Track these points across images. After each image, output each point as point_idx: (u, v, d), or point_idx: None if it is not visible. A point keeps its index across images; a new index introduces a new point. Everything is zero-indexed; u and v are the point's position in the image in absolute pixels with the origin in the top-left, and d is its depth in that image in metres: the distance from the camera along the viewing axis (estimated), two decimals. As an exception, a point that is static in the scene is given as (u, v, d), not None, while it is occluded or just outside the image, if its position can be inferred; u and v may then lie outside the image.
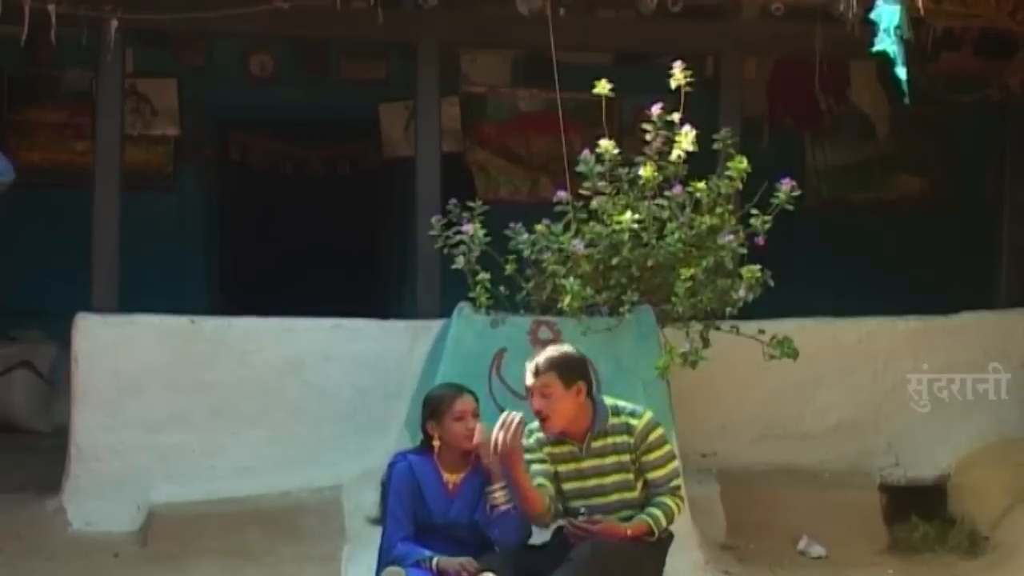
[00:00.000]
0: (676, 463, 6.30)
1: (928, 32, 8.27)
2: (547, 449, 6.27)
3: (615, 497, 6.22)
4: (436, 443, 6.22)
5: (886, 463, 8.93)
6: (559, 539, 6.27)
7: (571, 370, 6.21)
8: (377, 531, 6.45)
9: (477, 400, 6.31)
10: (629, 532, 6.04)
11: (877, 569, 8.02)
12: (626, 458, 6.19)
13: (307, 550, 7.58)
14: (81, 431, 8.05)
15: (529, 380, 6.22)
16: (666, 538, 6.30)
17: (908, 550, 8.36)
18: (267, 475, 8.06)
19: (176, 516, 7.83)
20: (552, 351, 6.34)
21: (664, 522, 6.13)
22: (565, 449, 6.26)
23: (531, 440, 6.31)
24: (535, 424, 6.28)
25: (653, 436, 6.22)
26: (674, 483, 6.23)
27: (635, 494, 6.21)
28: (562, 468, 6.26)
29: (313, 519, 7.80)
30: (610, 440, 6.22)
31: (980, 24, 8.58)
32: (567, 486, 6.28)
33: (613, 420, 6.24)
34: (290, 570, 7.42)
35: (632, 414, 6.26)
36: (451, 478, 6.26)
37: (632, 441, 6.20)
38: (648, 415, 6.29)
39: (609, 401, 6.31)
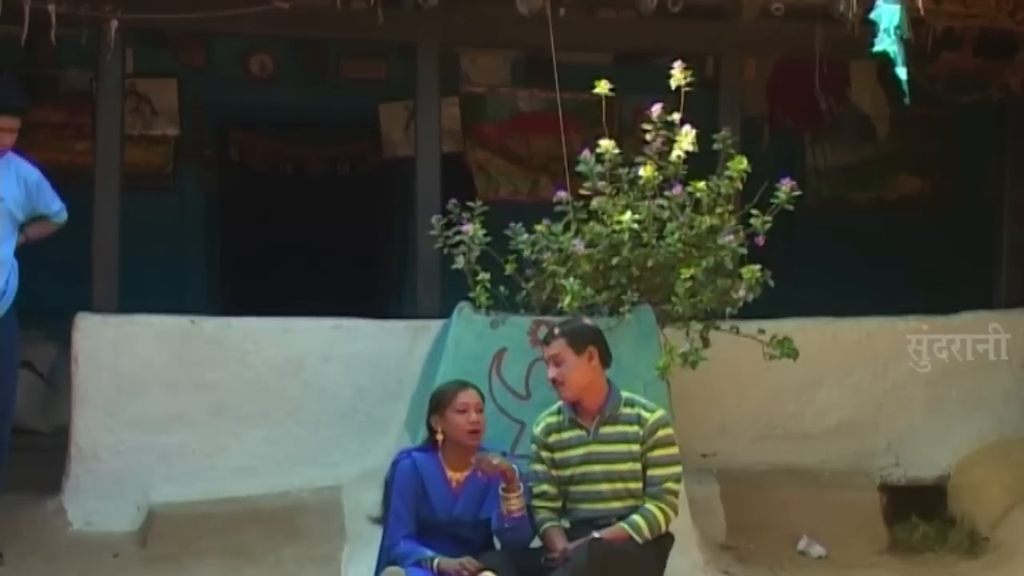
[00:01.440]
0: (678, 468, 6.31)
1: (928, 32, 8.26)
2: (554, 436, 6.33)
3: (620, 486, 6.24)
4: (440, 437, 6.25)
5: (886, 463, 8.93)
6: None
7: (580, 336, 6.35)
8: (377, 531, 6.46)
9: (483, 396, 6.38)
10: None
11: (877, 569, 8.01)
12: (636, 448, 6.22)
13: (307, 550, 7.56)
14: (81, 431, 8.05)
15: (545, 350, 6.41)
16: (666, 539, 6.32)
17: (908, 550, 8.36)
18: (267, 475, 8.05)
19: (176, 516, 7.82)
20: (563, 320, 6.54)
21: (646, 531, 6.11)
22: (573, 434, 6.31)
23: (538, 430, 6.37)
24: (544, 413, 6.44)
25: (661, 433, 6.26)
26: (668, 485, 6.23)
27: (640, 486, 6.23)
28: (569, 454, 6.30)
29: (313, 519, 7.79)
30: (620, 428, 6.27)
31: (980, 24, 8.57)
32: (574, 471, 6.30)
33: (625, 409, 6.29)
34: (290, 570, 7.41)
35: (645, 407, 6.33)
36: (455, 476, 6.29)
37: (641, 432, 6.23)
38: (660, 412, 6.35)
39: (625, 393, 6.35)
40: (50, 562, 7.40)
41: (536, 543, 6.24)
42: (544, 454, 6.36)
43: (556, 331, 6.42)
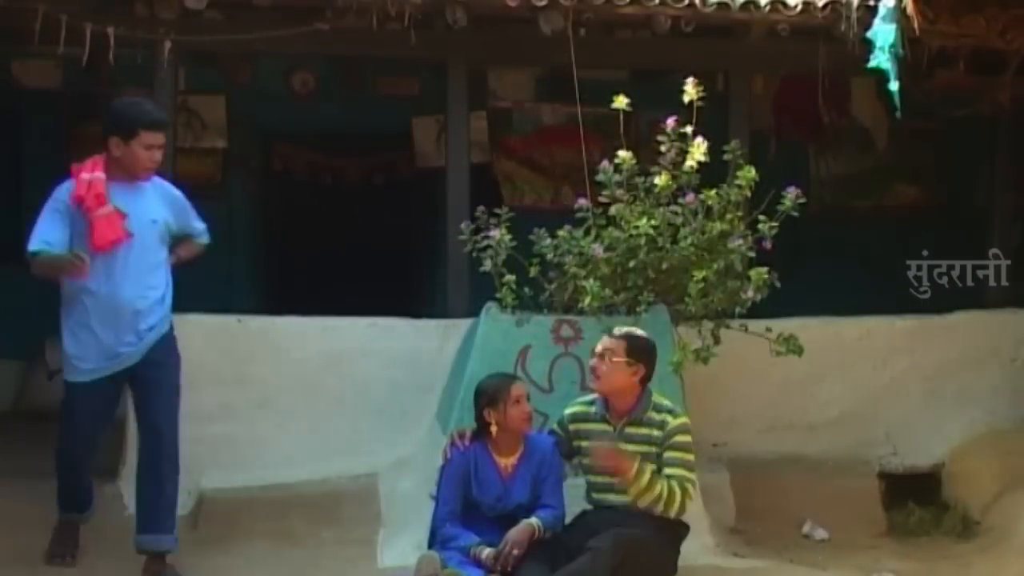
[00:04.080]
0: (691, 474, 6.28)
1: (924, 50, 8.22)
2: (580, 424, 6.45)
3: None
4: (494, 428, 6.30)
5: (884, 452, 8.92)
6: (581, 524, 6.28)
7: (638, 350, 6.33)
8: (410, 514, 6.46)
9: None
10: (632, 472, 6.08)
11: (876, 551, 7.98)
12: (653, 451, 6.20)
13: (345, 533, 7.57)
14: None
15: (602, 340, 6.38)
16: (681, 528, 6.32)
17: (905, 533, 8.35)
18: (309, 463, 8.03)
19: (224, 501, 7.81)
20: (632, 327, 6.51)
21: (662, 496, 6.09)
22: (599, 427, 6.32)
23: (567, 411, 6.51)
24: (580, 399, 6.58)
25: (678, 438, 6.25)
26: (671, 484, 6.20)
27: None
28: (589, 444, 6.27)
29: (351, 504, 7.78)
30: (644, 431, 6.27)
31: (972, 43, 8.52)
32: (592, 462, 6.30)
33: (652, 414, 6.27)
34: (330, 551, 7.41)
35: (671, 412, 6.32)
36: (505, 461, 6.34)
37: (660, 435, 6.21)
38: (683, 419, 6.32)
39: (656, 397, 6.32)
40: (108, 543, 7.40)
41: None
42: (570, 427, 6.47)
43: (621, 332, 6.42)
